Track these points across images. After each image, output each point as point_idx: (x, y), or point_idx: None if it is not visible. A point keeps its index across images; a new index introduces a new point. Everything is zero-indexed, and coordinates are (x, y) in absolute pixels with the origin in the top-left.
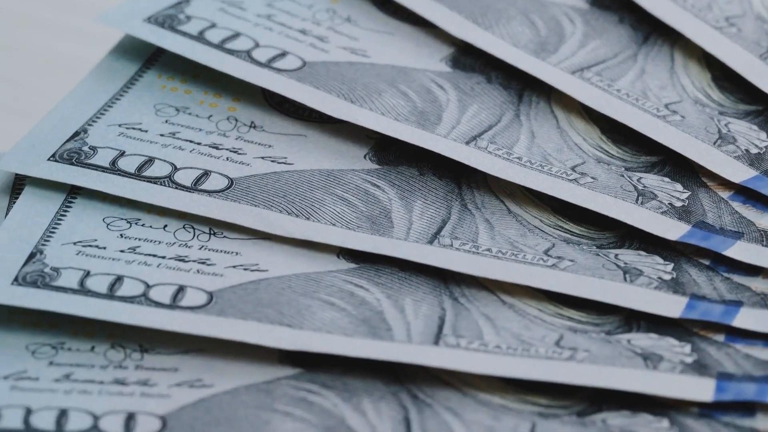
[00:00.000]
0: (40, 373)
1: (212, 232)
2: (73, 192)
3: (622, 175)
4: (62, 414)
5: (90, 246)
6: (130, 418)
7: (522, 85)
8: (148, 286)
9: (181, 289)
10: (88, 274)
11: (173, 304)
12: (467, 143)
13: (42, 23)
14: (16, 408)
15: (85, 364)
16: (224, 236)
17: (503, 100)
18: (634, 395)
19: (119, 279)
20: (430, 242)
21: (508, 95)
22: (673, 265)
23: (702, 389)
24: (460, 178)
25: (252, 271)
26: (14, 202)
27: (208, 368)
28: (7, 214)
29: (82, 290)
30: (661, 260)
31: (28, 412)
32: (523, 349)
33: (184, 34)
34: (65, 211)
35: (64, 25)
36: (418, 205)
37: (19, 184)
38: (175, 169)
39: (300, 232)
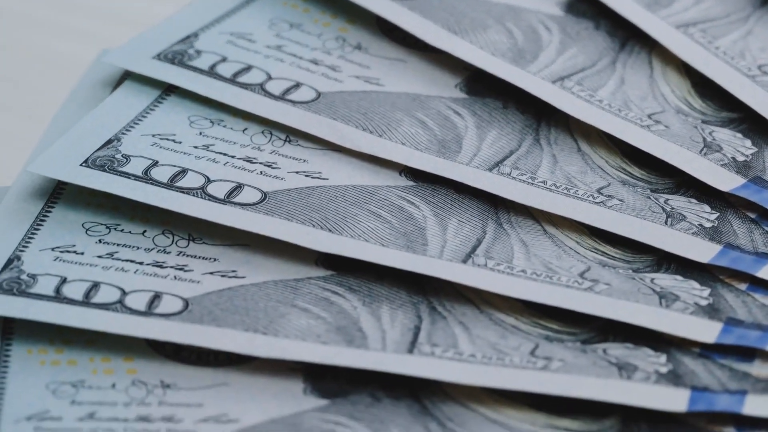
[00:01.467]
0: (86, 248)
1: (288, 139)
2: (168, 91)
3: (696, 127)
4: (93, 287)
5: (166, 140)
6: (155, 297)
7: (628, 35)
8: (208, 181)
9: (238, 186)
10: (155, 163)
11: (226, 200)
12: (553, 82)
13: (42, 23)
14: (53, 277)
15: (131, 245)
16: (298, 144)
17: (605, 46)
18: (641, 331)
19: (183, 171)
20: (490, 169)
21: (612, 42)
22: (718, 214)
23: (707, 331)
24: (541, 116)
25: (313, 177)
26: None
27: (246, 262)
28: None
29: (145, 178)
30: (708, 209)
31: (63, 281)
32: (546, 276)
33: None
34: (154, 106)
35: (64, 25)
36: (491, 135)
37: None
38: (269, 78)
39: (368, 146)
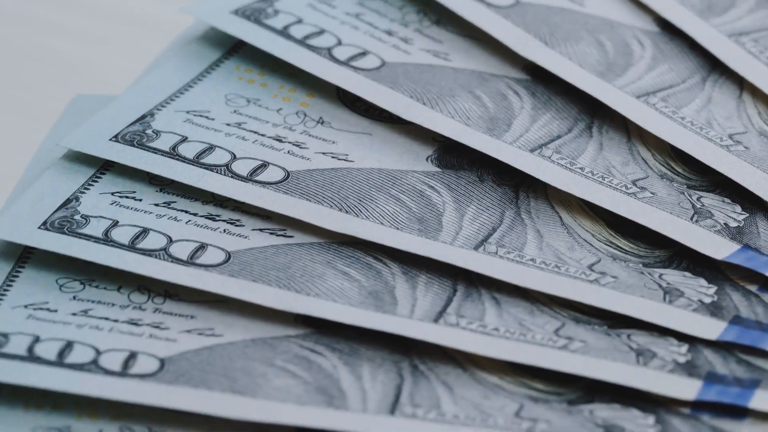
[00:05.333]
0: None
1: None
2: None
3: (683, 192)
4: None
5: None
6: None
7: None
8: (170, 241)
9: (202, 246)
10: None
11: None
12: (532, 151)
13: (41, 23)
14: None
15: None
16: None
17: (578, 111)
18: (627, 391)
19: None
20: (475, 248)
21: (585, 107)
22: (716, 288)
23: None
24: (519, 187)
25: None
26: None
27: (222, 321)
28: None
29: (105, 239)
30: (705, 283)
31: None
32: (521, 333)
33: None
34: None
35: (64, 24)
36: (470, 211)
37: None
38: (234, 158)
39: (342, 226)
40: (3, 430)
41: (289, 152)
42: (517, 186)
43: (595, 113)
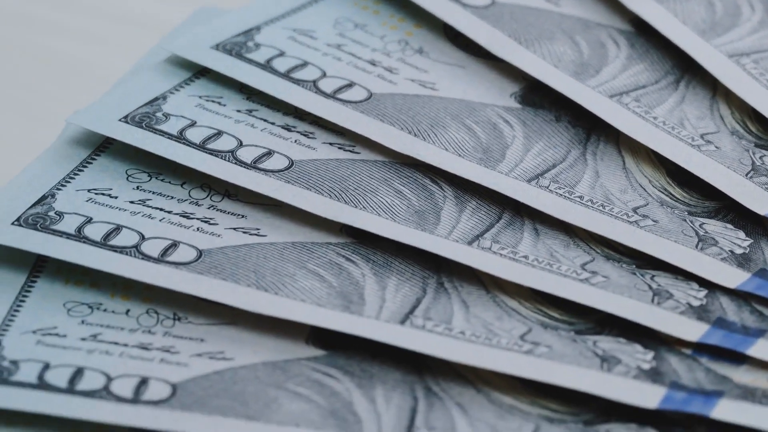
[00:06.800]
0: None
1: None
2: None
3: (747, 150)
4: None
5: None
6: None
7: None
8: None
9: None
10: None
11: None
12: (611, 97)
13: (42, 23)
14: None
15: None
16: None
17: (673, 65)
18: (636, 328)
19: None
20: (528, 181)
21: (679, 62)
22: (751, 241)
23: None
24: (592, 129)
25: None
26: None
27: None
28: None
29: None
30: (743, 235)
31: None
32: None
33: None
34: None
35: (64, 24)
36: (537, 146)
37: None
38: (324, 75)
39: (410, 148)
40: (37, 301)
41: (378, 75)
42: (591, 129)
43: (687, 69)
